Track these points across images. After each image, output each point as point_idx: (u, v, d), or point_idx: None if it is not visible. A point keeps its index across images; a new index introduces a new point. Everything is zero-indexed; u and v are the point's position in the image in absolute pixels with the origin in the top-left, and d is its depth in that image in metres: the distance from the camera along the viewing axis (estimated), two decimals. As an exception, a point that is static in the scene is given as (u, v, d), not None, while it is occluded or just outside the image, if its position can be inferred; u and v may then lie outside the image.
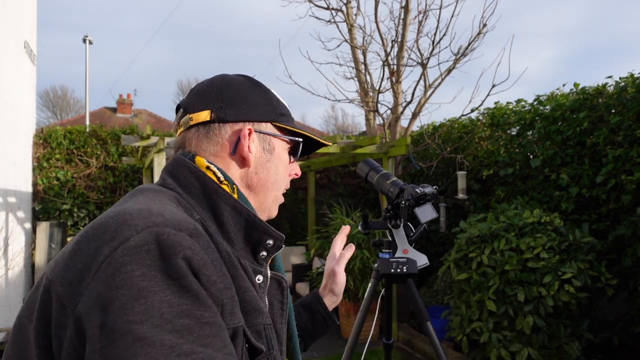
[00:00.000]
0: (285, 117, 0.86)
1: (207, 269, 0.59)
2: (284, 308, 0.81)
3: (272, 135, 0.84)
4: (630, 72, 3.56)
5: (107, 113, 20.65)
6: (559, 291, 3.05)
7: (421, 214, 1.97)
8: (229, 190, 0.77)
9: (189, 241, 0.59)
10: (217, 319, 0.58)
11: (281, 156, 0.85)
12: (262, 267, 0.76)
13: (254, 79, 0.87)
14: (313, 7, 5.50)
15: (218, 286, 0.60)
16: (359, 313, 2.20)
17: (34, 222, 6.03)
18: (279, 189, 0.86)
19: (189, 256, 0.57)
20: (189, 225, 0.61)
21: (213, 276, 0.59)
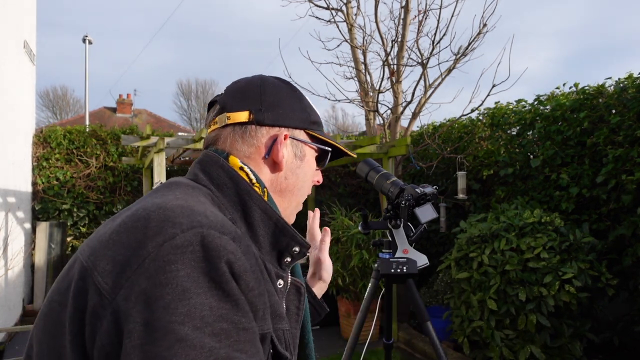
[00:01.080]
0: (317, 125, 0.88)
1: (247, 275, 0.59)
2: (300, 314, 0.82)
3: (305, 142, 0.84)
4: (630, 72, 3.56)
5: (106, 113, 20.65)
6: (560, 291, 3.05)
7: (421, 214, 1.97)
8: (260, 193, 0.76)
9: (232, 245, 0.59)
10: (253, 325, 0.58)
11: (310, 163, 0.87)
12: (285, 272, 0.76)
13: (291, 84, 0.88)
14: (313, 7, 5.50)
15: (254, 292, 0.60)
16: (359, 313, 2.19)
17: (34, 222, 6.02)
18: (303, 196, 0.87)
19: (231, 261, 0.58)
20: (231, 228, 0.62)
21: (251, 282, 0.60)
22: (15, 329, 3.37)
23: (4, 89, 4.65)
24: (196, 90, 30.50)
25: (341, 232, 4.55)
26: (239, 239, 0.62)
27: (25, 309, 5.52)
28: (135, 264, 0.55)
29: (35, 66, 6.21)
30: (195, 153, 5.30)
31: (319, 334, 4.80)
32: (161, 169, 4.07)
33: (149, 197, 0.68)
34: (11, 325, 4.83)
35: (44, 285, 5.58)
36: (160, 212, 0.60)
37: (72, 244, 6.18)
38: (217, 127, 0.81)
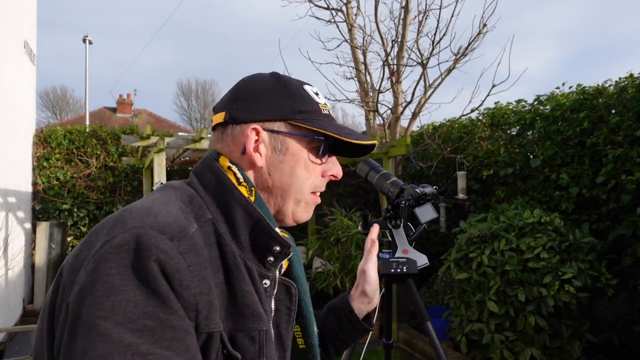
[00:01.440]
0: (304, 114, 0.81)
1: (181, 273, 0.60)
2: (291, 314, 0.81)
3: (285, 134, 0.80)
4: (630, 72, 3.57)
5: (107, 113, 20.65)
6: (560, 291, 3.05)
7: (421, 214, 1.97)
8: (246, 192, 0.77)
9: (167, 245, 0.60)
10: (183, 323, 0.59)
11: (297, 156, 0.81)
12: (270, 271, 0.76)
13: (282, 75, 0.85)
14: (313, 7, 5.50)
15: (192, 291, 0.61)
16: (359, 313, 2.19)
17: (34, 222, 6.03)
18: (300, 192, 0.82)
19: (162, 260, 0.59)
20: (174, 228, 0.63)
21: (187, 281, 0.60)
22: (15, 329, 3.37)
23: (4, 89, 4.65)
24: (196, 90, 30.52)
25: (341, 232, 4.55)
26: (181, 238, 0.62)
27: (26, 309, 5.53)
28: (86, 261, 0.59)
29: (35, 66, 6.21)
30: (195, 153, 5.30)
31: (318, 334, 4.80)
32: (161, 169, 4.07)
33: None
34: (11, 325, 4.83)
35: (44, 285, 5.59)
36: (121, 214, 0.64)
37: (72, 244, 6.18)
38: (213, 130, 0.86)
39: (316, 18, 5.56)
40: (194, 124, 29.43)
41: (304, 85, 0.85)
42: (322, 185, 0.86)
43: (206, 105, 29.89)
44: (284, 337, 0.79)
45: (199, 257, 0.64)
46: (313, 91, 0.85)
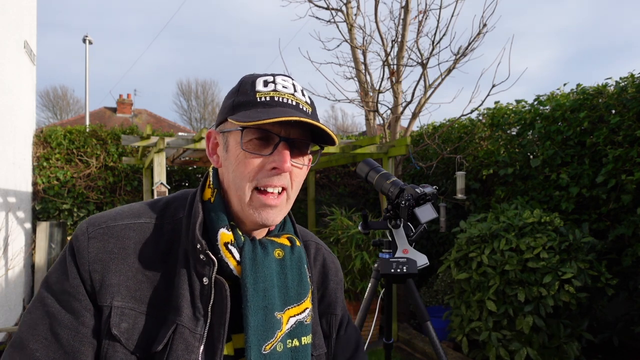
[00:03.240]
0: (239, 107, 0.78)
1: (80, 253, 0.77)
2: (224, 311, 0.77)
3: (226, 132, 0.82)
4: (630, 72, 3.57)
5: (107, 113, 20.65)
6: (559, 291, 3.05)
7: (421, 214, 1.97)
8: (209, 194, 0.84)
9: (81, 231, 0.79)
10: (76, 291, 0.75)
11: (234, 152, 0.79)
12: (205, 270, 0.78)
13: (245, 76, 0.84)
14: (313, 7, 5.50)
15: (85, 267, 0.76)
16: (359, 313, 2.20)
17: (34, 222, 6.03)
18: (240, 189, 0.79)
19: (72, 242, 0.78)
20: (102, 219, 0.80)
21: (82, 259, 0.76)
22: (15, 329, 3.37)
23: (4, 89, 4.65)
24: (196, 90, 30.49)
25: (340, 232, 4.55)
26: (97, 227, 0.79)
27: (26, 308, 5.52)
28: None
29: (35, 66, 6.21)
30: (195, 153, 5.30)
31: (319, 334, 4.80)
32: (161, 169, 4.07)
33: None
34: (11, 325, 4.83)
35: (44, 285, 5.58)
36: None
37: (72, 244, 6.17)
38: None
39: (316, 18, 5.56)
40: (194, 124, 29.42)
41: (258, 78, 0.82)
42: (266, 179, 0.78)
43: (206, 105, 29.89)
44: (214, 339, 0.76)
45: (105, 243, 0.77)
46: (264, 81, 0.81)
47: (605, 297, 3.37)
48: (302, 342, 0.82)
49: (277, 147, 0.78)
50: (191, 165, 6.54)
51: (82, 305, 0.75)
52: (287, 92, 0.81)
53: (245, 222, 0.82)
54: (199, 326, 0.76)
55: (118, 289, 0.75)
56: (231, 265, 0.78)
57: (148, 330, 0.75)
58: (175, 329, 0.74)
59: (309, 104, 0.84)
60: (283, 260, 0.83)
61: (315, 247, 1.00)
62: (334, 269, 1.02)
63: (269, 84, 0.80)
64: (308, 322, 0.84)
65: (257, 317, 0.77)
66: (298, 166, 0.82)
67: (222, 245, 0.78)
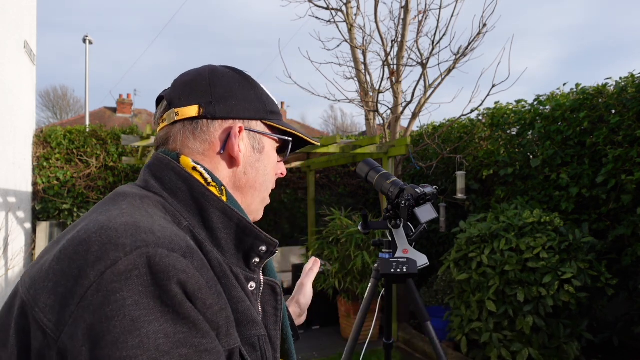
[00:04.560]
0: (275, 115, 0.83)
1: (203, 292, 0.56)
2: (278, 314, 0.77)
3: (263, 133, 0.79)
4: (630, 72, 3.57)
5: (107, 113, 20.66)
6: (559, 291, 3.05)
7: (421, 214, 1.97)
8: (217, 193, 0.72)
9: (183, 263, 0.55)
10: (215, 344, 0.55)
11: (270, 156, 0.82)
12: (255, 273, 0.73)
13: (243, 72, 0.81)
14: (313, 7, 5.50)
15: (214, 309, 0.57)
16: (359, 313, 2.20)
17: (34, 222, 6.03)
18: (267, 190, 0.84)
19: (183, 280, 0.54)
20: (181, 243, 0.58)
21: (209, 299, 0.56)
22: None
23: (4, 89, 4.66)
24: (196, 90, 30.40)
25: (340, 232, 4.55)
26: (191, 253, 0.58)
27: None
28: (78, 296, 0.51)
29: (35, 66, 6.21)
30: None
31: (319, 334, 4.80)
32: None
33: (94, 214, 0.63)
34: (11, 325, 4.83)
35: (44, 285, 5.58)
36: (102, 233, 0.55)
37: (72, 244, 6.18)
38: (166, 125, 0.76)
39: (316, 18, 5.56)
40: (194, 124, 29.35)
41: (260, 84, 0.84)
42: (274, 184, 0.87)
43: (206, 105, 29.83)
44: (273, 337, 0.76)
45: (209, 272, 0.60)
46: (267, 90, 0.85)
47: (605, 297, 3.37)
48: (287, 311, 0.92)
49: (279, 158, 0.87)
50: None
51: None
52: None
53: None
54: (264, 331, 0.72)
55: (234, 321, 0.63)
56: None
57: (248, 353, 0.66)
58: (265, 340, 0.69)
59: None
60: None
61: None
62: None
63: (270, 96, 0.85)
64: None
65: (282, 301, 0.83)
66: None
67: None
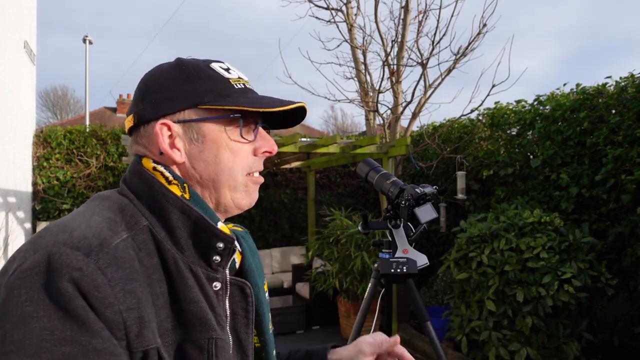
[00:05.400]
0: (214, 93, 0.73)
1: (100, 290, 0.55)
2: (249, 316, 0.75)
3: (198, 121, 0.73)
4: (630, 72, 3.57)
5: (107, 113, 20.66)
6: (559, 291, 3.05)
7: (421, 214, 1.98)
8: (179, 191, 0.72)
9: (82, 261, 0.56)
10: (108, 344, 0.55)
11: (218, 141, 0.74)
12: (218, 273, 0.71)
13: (184, 60, 0.77)
14: (313, 7, 5.50)
15: (116, 308, 0.56)
16: (359, 313, 2.20)
17: (34, 222, 6.03)
18: (232, 177, 0.75)
19: (76, 278, 0.54)
20: (92, 241, 0.59)
21: (109, 298, 0.56)
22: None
23: (4, 89, 4.66)
24: (196, 90, 30.43)
25: (340, 232, 4.55)
26: (99, 252, 0.58)
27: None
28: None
29: (35, 66, 6.21)
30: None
31: (319, 334, 4.80)
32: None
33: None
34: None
35: (44, 285, 5.58)
36: (36, 235, 0.59)
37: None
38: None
39: (316, 18, 5.56)
40: (194, 124, 29.37)
41: (210, 63, 0.77)
42: (257, 164, 0.78)
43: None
44: (243, 341, 0.74)
45: (123, 270, 0.59)
46: (223, 67, 0.77)
47: (605, 297, 3.38)
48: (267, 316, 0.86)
49: (258, 132, 0.77)
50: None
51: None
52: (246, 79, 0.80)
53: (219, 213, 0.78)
54: (225, 334, 0.71)
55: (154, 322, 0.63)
56: (236, 258, 0.77)
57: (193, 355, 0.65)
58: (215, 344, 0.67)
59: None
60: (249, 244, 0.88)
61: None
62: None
63: (230, 71, 0.78)
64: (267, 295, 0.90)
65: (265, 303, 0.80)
66: None
67: None
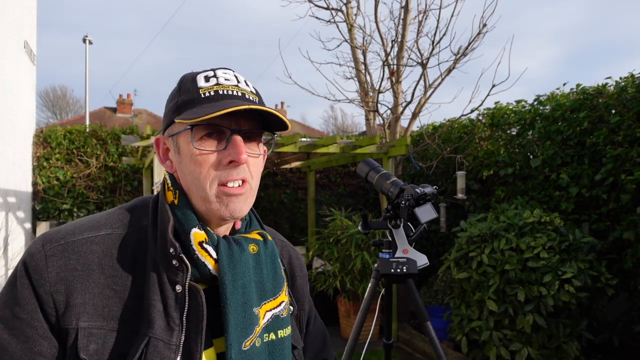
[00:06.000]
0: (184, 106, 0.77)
1: (38, 273, 0.70)
2: (199, 319, 0.74)
3: (175, 134, 0.79)
4: (630, 72, 3.57)
5: (107, 113, 20.66)
6: (559, 291, 3.05)
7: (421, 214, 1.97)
8: (171, 196, 0.80)
9: (35, 249, 0.72)
10: (27, 317, 0.69)
11: (186, 152, 0.78)
12: (178, 276, 0.74)
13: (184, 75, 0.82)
14: (313, 7, 5.50)
15: (47, 289, 0.70)
16: (359, 313, 2.20)
17: (34, 222, 6.03)
18: (201, 189, 0.77)
19: (26, 261, 0.72)
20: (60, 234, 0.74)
21: (42, 280, 0.70)
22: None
23: (4, 89, 4.65)
24: (196, 90, 30.38)
25: (340, 232, 4.55)
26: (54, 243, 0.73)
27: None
28: None
29: (35, 66, 6.21)
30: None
31: (319, 334, 4.79)
32: (161, 169, 4.07)
33: None
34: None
35: (44, 285, 5.58)
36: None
37: (72, 244, 6.17)
38: None
39: (316, 18, 5.56)
40: (194, 124, 29.33)
41: (198, 75, 0.80)
42: (227, 174, 0.77)
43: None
44: (192, 348, 0.73)
45: (67, 260, 0.72)
46: (204, 76, 0.79)
47: (605, 297, 3.37)
48: (278, 336, 0.81)
49: (230, 141, 0.77)
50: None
51: (38, 333, 0.69)
52: (231, 84, 0.79)
53: (211, 220, 0.81)
54: (174, 337, 0.73)
55: (84, 308, 0.70)
56: (209, 265, 0.76)
57: (120, 348, 0.71)
58: (148, 342, 0.70)
59: (255, 93, 0.82)
60: (258, 255, 0.82)
61: (281, 244, 1.00)
62: (299, 265, 1.01)
63: (210, 79, 0.79)
64: (284, 315, 0.83)
65: (237, 314, 0.75)
66: (254, 156, 0.81)
67: (196, 245, 0.76)
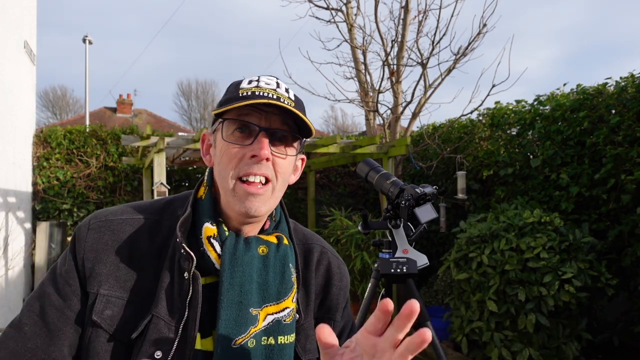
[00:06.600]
0: (223, 103, 0.82)
1: (79, 242, 0.83)
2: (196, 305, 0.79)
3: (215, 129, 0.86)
4: (630, 72, 3.56)
5: (107, 113, 20.66)
6: (559, 291, 3.05)
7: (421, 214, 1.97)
8: (202, 192, 0.88)
9: (86, 223, 0.85)
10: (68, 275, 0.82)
11: (220, 146, 0.84)
12: (186, 264, 0.81)
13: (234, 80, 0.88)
14: (313, 7, 5.50)
15: (81, 256, 0.82)
16: (359, 313, 2.20)
17: (34, 221, 6.03)
18: (225, 180, 0.82)
19: (76, 230, 0.85)
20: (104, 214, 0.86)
21: (80, 248, 0.82)
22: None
23: (4, 89, 4.65)
24: (196, 90, 30.48)
25: (340, 232, 4.55)
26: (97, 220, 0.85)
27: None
28: None
29: (35, 66, 6.21)
30: (195, 153, 5.30)
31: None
32: (161, 169, 4.07)
33: None
34: (11, 325, 4.83)
35: (44, 285, 5.57)
36: None
37: (72, 244, 6.17)
38: None
39: (316, 18, 5.57)
40: (194, 124, 29.42)
41: (244, 79, 0.85)
42: (249, 168, 0.80)
43: (206, 106, 29.89)
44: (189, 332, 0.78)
45: (102, 235, 0.83)
46: (248, 80, 0.84)
47: (605, 297, 3.37)
48: (278, 341, 0.81)
49: (257, 137, 0.80)
50: (191, 165, 6.53)
51: (72, 290, 0.81)
52: (269, 88, 0.82)
53: (231, 215, 0.84)
54: (175, 319, 0.78)
55: (107, 278, 0.80)
56: (213, 259, 0.81)
57: (130, 318, 0.79)
58: (151, 319, 0.78)
59: (293, 100, 0.83)
60: (266, 257, 0.83)
61: (320, 250, 0.98)
62: (339, 275, 0.99)
63: (252, 82, 0.83)
64: (288, 321, 0.83)
65: (229, 310, 0.78)
66: (280, 156, 0.82)
67: (205, 238, 0.81)
